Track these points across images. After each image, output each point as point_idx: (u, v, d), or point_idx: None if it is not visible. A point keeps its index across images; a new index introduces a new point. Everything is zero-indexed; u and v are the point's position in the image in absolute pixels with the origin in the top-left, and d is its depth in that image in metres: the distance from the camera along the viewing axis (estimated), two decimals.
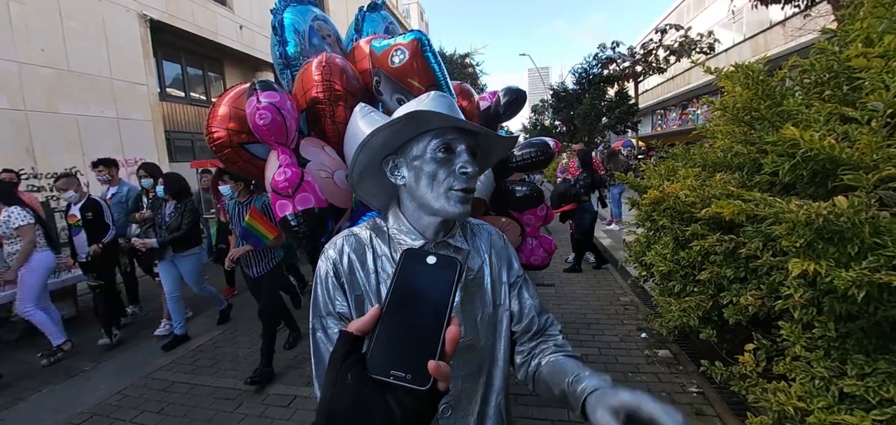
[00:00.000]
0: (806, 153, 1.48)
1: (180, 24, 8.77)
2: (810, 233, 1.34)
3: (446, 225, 0.78)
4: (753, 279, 1.91)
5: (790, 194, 1.81)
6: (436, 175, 0.72)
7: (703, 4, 21.19)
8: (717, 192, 2.04)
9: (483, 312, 0.81)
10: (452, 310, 0.40)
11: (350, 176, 0.82)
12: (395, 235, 0.78)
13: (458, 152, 0.72)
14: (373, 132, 0.74)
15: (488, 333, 0.82)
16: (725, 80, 2.32)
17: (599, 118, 14.44)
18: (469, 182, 0.71)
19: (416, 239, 0.76)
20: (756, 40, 14.96)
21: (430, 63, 1.74)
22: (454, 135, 0.72)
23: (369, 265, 0.76)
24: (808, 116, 1.83)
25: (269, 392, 2.84)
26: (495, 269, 0.86)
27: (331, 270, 0.75)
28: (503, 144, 0.85)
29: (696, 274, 2.19)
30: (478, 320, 0.80)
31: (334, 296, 0.74)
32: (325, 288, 0.74)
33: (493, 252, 0.87)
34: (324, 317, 0.74)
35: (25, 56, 6.26)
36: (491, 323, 0.83)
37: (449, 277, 0.42)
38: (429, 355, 0.36)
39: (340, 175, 1.86)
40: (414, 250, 0.45)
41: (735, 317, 1.91)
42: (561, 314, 3.95)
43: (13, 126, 6.07)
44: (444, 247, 0.79)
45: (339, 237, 0.80)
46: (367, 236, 0.80)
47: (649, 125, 24.70)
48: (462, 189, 0.71)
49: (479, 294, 0.82)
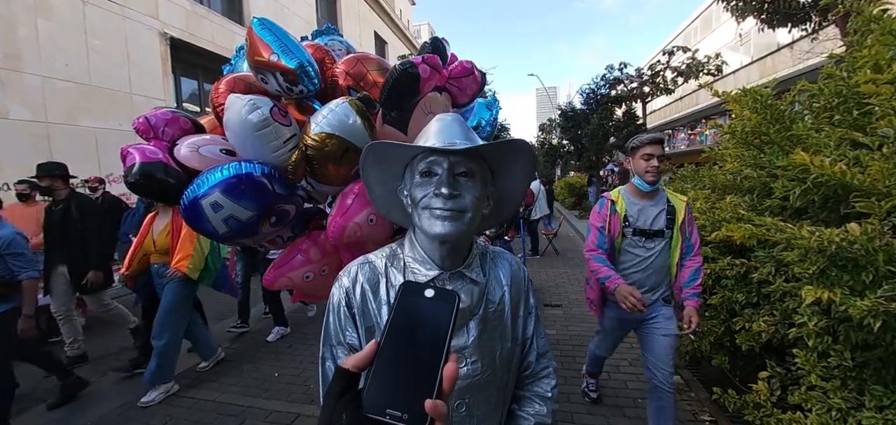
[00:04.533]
0: (817, 178, 1.48)
1: (199, 43, 9.07)
2: (823, 261, 1.32)
3: (455, 251, 0.75)
4: (766, 304, 1.88)
5: (801, 219, 1.80)
6: (419, 198, 0.71)
7: (709, 27, 21.37)
8: (727, 215, 2.03)
9: (501, 348, 0.78)
10: (450, 347, 0.39)
11: (380, 211, 0.87)
12: (410, 263, 0.76)
13: (437, 174, 0.71)
14: (363, 169, 0.80)
15: (505, 370, 0.79)
16: (733, 104, 2.33)
17: (607, 138, 14.44)
18: (447, 202, 0.68)
19: (431, 268, 0.74)
20: (764, 62, 15.00)
21: (265, 38, 1.76)
22: (434, 158, 0.71)
23: (382, 295, 0.75)
24: (818, 141, 1.83)
25: (272, 409, 2.83)
26: (514, 302, 0.83)
27: (343, 299, 0.74)
28: (506, 150, 0.75)
29: (708, 298, 2.16)
30: (496, 356, 0.77)
31: (345, 327, 0.73)
32: (337, 316, 0.74)
33: (512, 282, 0.84)
34: (334, 346, 0.73)
35: (50, 71, 6.50)
36: (508, 359, 0.80)
37: (447, 312, 0.41)
38: (426, 393, 0.35)
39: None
40: (412, 284, 0.44)
41: (748, 343, 1.87)
42: (568, 335, 3.89)
43: (33, 138, 6.27)
44: (460, 278, 0.76)
45: (354, 264, 0.78)
46: (383, 265, 0.78)
47: None
48: (440, 208, 0.68)
49: (498, 328, 0.79)
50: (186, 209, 1.75)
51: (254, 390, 3.07)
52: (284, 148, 1.81)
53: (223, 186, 1.70)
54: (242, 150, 1.85)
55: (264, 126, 1.72)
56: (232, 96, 1.79)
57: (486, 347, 0.76)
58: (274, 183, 1.84)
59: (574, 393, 2.87)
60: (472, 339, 0.75)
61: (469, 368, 0.74)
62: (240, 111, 1.71)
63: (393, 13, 20.97)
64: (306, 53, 1.85)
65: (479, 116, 2.46)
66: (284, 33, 1.84)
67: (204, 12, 9.56)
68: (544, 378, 0.86)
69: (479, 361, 0.75)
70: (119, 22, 7.54)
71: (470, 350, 0.74)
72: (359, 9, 17.70)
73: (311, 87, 1.86)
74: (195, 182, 1.74)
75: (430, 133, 0.75)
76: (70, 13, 6.81)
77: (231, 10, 10.71)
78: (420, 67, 1.78)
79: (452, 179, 0.70)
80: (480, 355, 0.75)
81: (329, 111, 1.75)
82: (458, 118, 0.78)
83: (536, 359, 0.86)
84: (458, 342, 0.74)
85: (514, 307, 0.83)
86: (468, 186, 0.71)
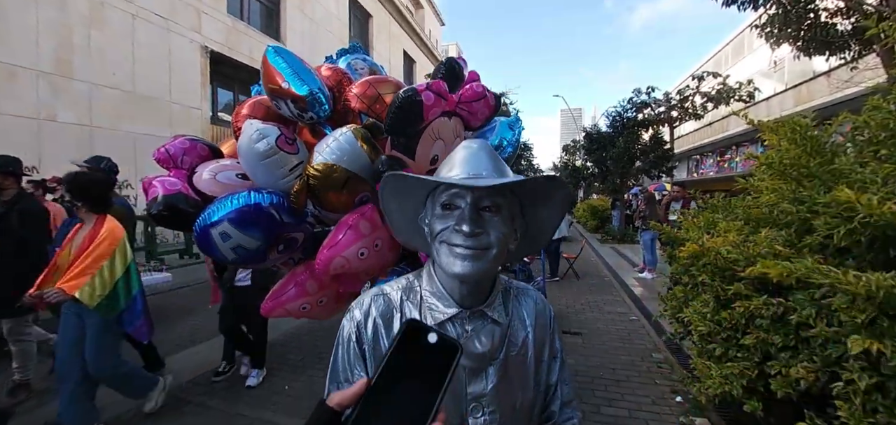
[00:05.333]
0: (864, 218, 1.38)
1: (237, 57, 9.54)
2: (873, 309, 1.22)
3: (476, 289, 0.69)
4: (805, 349, 1.75)
5: (845, 258, 1.68)
6: (438, 231, 0.66)
7: (741, 53, 20.88)
8: (763, 251, 1.92)
9: (522, 398, 0.72)
10: (441, 404, 0.36)
11: (400, 238, 0.84)
12: (427, 298, 0.71)
13: (460, 207, 0.65)
14: (382, 197, 0.75)
15: (525, 421, 0.73)
16: (769, 133, 2.23)
17: (633, 161, 14.14)
18: (468, 239, 0.63)
19: (450, 305, 0.69)
20: (799, 90, 14.48)
21: (278, 67, 1.82)
22: (457, 191, 0.66)
23: (395, 330, 0.69)
24: (864, 177, 1.72)
25: (280, 423, 2.82)
26: (538, 344, 0.76)
27: (353, 334, 0.70)
28: (539, 187, 0.70)
29: (740, 337, 2.03)
30: (516, 406, 0.71)
31: (354, 364, 0.68)
32: (347, 352, 0.70)
33: (537, 323, 0.77)
34: (340, 384, 0.69)
35: (98, 78, 6.95)
36: (529, 409, 0.74)
37: (446, 365, 0.38)
38: None
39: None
40: (416, 323, 0.42)
41: (784, 389, 1.74)
42: (587, 366, 3.75)
43: (77, 140, 6.68)
44: (480, 318, 0.70)
45: (367, 296, 0.74)
46: (398, 298, 0.73)
47: (685, 170, 23.99)
48: (461, 245, 0.63)
49: (519, 375, 0.73)
50: (198, 236, 1.82)
51: (263, 402, 3.08)
52: (290, 176, 1.85)
53: (231, 217, 1.74)
54: (253, 176, 1.90)
55: (270, 154, 1.76)
56: (246, 123, 1.86)
57: (505, 396, 0.70)
58: (282, 213, 1.86)
59: None
60: (491, 387, 0.69)
61: (486, 419, 0.68)
62: (248, 139, 1.77)
63: (422, 33, 21.53)
64: (317, 81, 1.89)
65: (501, 135, 2.44)
66: (296, 61, 1.90)
67: (243, 28, 10.07)
68: None
69: (497, 412, 0.69)
70: (164, 35, 8.02)
71: (488, 398, 0.68)
72: (390, 28, 18.26)
73: (322, 113, 1.89)
74: (207, 210, 1.80)
75: (455, 161, 0.69)
76: (121, 25, 7.30)
77: (268, 26, 11.25)
78: (423, 95, 1.77)
79: (476, 215, 0.64)
80: (499, 404, 0.69)
81: (333, 140, 1.78)
82: (485, 146, 0.72)
83: (560, 409, 0.79)
84: (475, 388, 0.69)
85: (538, 350, 0.76)
86: (493, 222, 0.65)
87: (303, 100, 1.80)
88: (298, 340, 4.35)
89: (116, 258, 2.40)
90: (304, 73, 1.87)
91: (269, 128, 1.80)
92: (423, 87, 1.80)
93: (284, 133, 1.84)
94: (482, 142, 0.73)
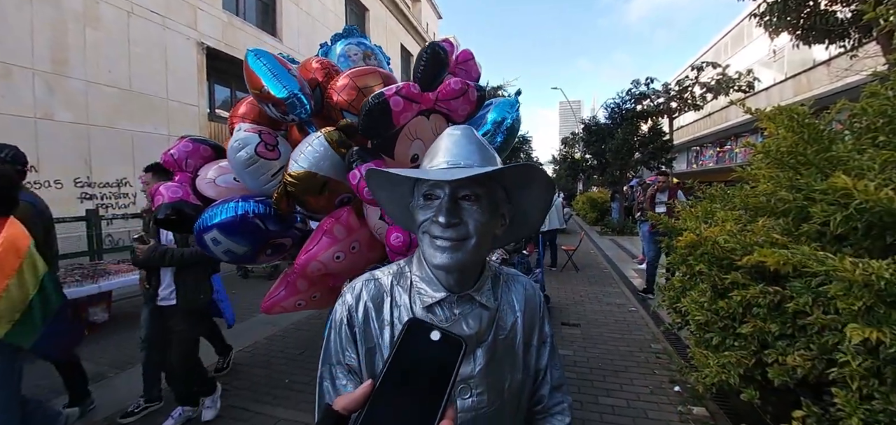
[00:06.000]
0: (860, 204, 1.37)
1: (234, 53, 9.46)
2: (870, 297, 1.21)
3: (463, 276, 0.70)
4: (802, 337, 1.75)
5: (842, 245, 1.68)
6: (421, 222, 0.67)
7: (741, 43, 20.75)
8: (760, 239, 1.92)
9: (511, 379, 0.73)
10: (449, 401, 0.36)
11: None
12: (416, 282, 0.72)
13: (439, 198, 0.66)
14: (372, 192, 0.79)
15: (514, 403, 0.74)
16: (767, 122, 2.21)
17: (632, 153, 14.10)
18: (446, 230, 0.64)
19: (438, 289, 0.70)
20: (798, 80, 14.41)
21: (257, 70, 1.90)
22: (436, 181, 0.66)
23: (385, 315, 0.71)
24: (861, 163, 1.71)
25: (281, 417, 2.82)
26: (527, 329, 0.77)
27: (345, 318, 0.71)
28: (518, 174, 0.70)
29: (737, 326, 2.03)
30: (505, 388, 0.72)
31: (346, 347, 0.70)
32: (339, 335, 0.71)
33: (526, 308, 0.78)
34: (333, 366, 0.71)
35: (94, 76, 6.91)
36: (518, 391, 0.75)
37: (451, 360, 0.38)
38: None
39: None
40: (418, 322, 0.42)
41: (781, 378, 1.74)
42: (586, 357, 3.76)
43: (74, 138, 6.65)
44: (468, 302, 0.71)
45: (359, 281, 0.75)
46: (388, 283, 0.74)
47: (684, 161, 23.96)
48: (440, 236, 0.64)
49: (508, 358, 0.74)
50: (197, 239, 1.99)
51: (264, 396, 3.09)
52: (273, 180, 1.97)
53: (220, 225, 1.90)
54: (241, 181, 2.06)
55: (252, 163, 1.90)
56: (235, 127, 2.02)
57: (494, 377, 0.70)
58: (267, 222, 2.00)
59: (590, 421, 2.75)
60: (479, 368, 0.69)
61: (474, 400, 0.68)
62: (232, 148, 1.91)
63: (419, 26, 21.36)
64: (295, 82, 1.95)
65: (501, 114, 2.40)
66: (275, 63, 1.98)
67: (240, 24, 9.99)
68: (557, 414, 0.80)
69: (485, 392, 0.69)
70: (160, 32, 7.96)
71: (476, 380, 0.69)
72: (386, 21, 18.12)
73: (304, 113, 1.95)
74: (204, 215, 1.95)
75: (438, 150, 0.70)
76: (116, 23, 7.24)
77: (264, 22, 11.16)
78: (391, 101, 1.76)
79: (453, 205, 0.64)
80: (487, 386, 0.70)
81: (307, 146, 1.83)
82: (469, 133, 0.72)
83: (549, 393, 0.80)
84: (462, 370, 0.68)
85: (527, 335, 0.77)
86: (472, 211, 0.65)
87: (282, 103, 1.87)
88: (298, 333, 4.36)
89: (25, 273, 1.79)
90: (284, 75, 1.93)
91: (250, 136, 1.93)
92: (393, 92, 1.79)
93: (264, 139, 1.98)
94: (466, 130, 0.73)
